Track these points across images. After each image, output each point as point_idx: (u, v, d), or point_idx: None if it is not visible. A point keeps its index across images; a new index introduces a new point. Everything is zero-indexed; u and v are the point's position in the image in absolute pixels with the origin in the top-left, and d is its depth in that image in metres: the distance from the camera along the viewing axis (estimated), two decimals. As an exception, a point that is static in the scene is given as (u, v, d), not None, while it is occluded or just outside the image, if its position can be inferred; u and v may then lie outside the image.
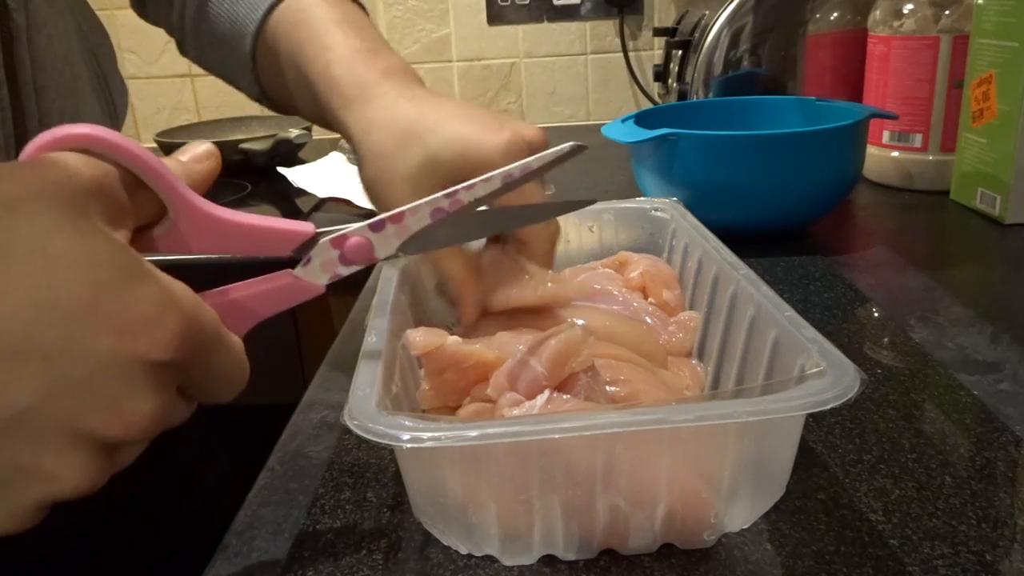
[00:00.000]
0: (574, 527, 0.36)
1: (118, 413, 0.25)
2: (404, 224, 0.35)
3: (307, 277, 0.34)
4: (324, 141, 1.30)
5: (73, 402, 0.24)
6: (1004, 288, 0.67)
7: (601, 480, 0.34)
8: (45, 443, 0.24)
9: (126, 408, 0.25)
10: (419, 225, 0.35)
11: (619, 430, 0.32)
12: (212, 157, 0.33)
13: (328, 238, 0.34)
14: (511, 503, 0.35)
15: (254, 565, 0.39)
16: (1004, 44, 0.78)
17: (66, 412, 0.24)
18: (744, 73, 1.07)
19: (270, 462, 0.47)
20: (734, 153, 0.74)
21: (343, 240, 0.34)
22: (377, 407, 0.34)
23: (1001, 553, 0.36)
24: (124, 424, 0.25)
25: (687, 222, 0.56)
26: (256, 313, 0.33)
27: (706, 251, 0.51)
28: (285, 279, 0.34)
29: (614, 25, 1.42)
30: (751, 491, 0.37)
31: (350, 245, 0.35)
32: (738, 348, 0.45)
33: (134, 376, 0.25)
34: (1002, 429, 0.45)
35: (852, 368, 0.34)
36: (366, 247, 0.35)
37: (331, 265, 0.34)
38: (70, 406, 0.24)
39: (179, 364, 0.26)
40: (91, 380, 0.24)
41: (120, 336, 0.24)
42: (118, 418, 0.25)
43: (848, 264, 0.72)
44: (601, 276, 0.54)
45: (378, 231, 0.35)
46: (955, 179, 0.87)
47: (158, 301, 0.25)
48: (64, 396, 0.24)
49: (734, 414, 0.33)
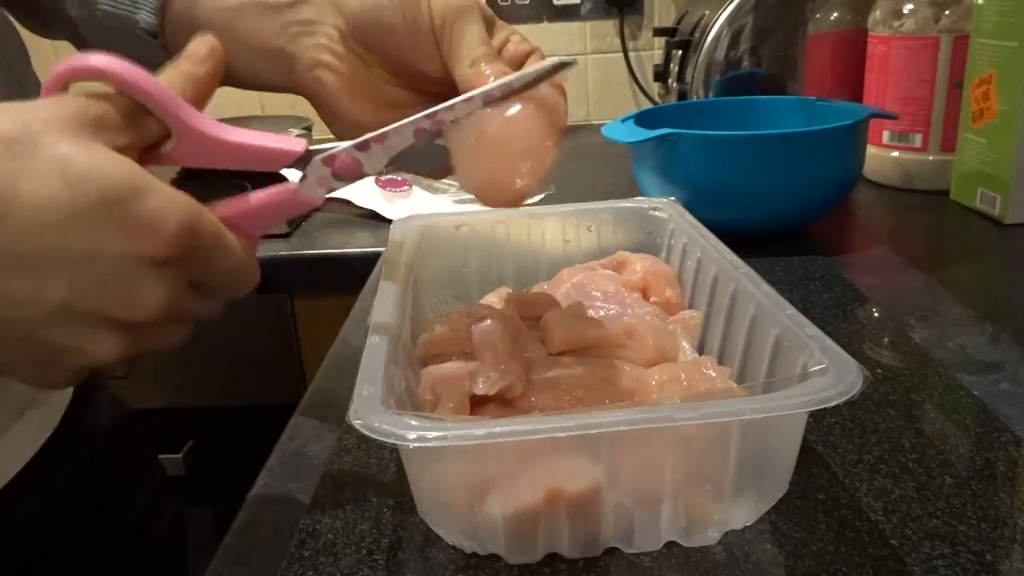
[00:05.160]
0: (579, 525, 0.36)
1: (133, 302, 0.30)
2: (388, 143, 0.38)
3: (305, 191, 0.37)
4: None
5: (97, 295, 0.30)
6: (1004, 288, 0.67)
7: (606, 478, 0.34)
8: (80, 327, 0.30)
9: (138, 297, 0.30)
10: (402, 145, 0.38)
11: (624, 428, 0.32)
12: (213, 56, 0.36)
13: (319, 156, 0.37)
14: (515, 501, 0.35)
15: (254, 565, 0.39)
16: (1004, 44, 0.78)
17: (93, 303, 0.30)
18: (744, 73, 1.07)
19: (270, 462, 0.47)
20: (734, 153, 0.73)
21: (333, 158, 0.37)
22: (382, 406, 0.34)
23: (1001, 553, 0.36)
24: (138, 309, 0.30)
25: (686, 222, 0.56)
26: (264, 220, 0.36)
27: (705, 250, 0.51)
28: (287, 191, 0.37)
29: (614, 25, 1.42)
30: (754, 488, 0.37)
31: (340, 163, 0.38)
32: (739, 347, 0.45)
33: (143, 272, 0.30)
34: (1002, 429, 0.45)
35: (855, 366, 0.34)
36: (355, 164, 0.38)
37: (325, 181, 0.38)
38: (95, 298, 0.30)
39: (181, 260, 0.31)
40: (109, 277, 0.30)
41: (128, 239, 0.29)
42: (133, 305, 0.30)
43: (848, 264, 0.72)
44: (600, 277, 0.54)
45: (364, 150, 0.38)
46: (955, 179, 0.87)
47: (159, 208, 0.30)
48: (89, 291, 0.29)
49: (738, 412, 0.33)
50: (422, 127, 0.38)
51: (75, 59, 0.31)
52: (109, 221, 0.29)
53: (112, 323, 0.31)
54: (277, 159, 0.37)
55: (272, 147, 0.36)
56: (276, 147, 0.36)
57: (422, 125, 0.38)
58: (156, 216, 0.30)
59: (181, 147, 0.35)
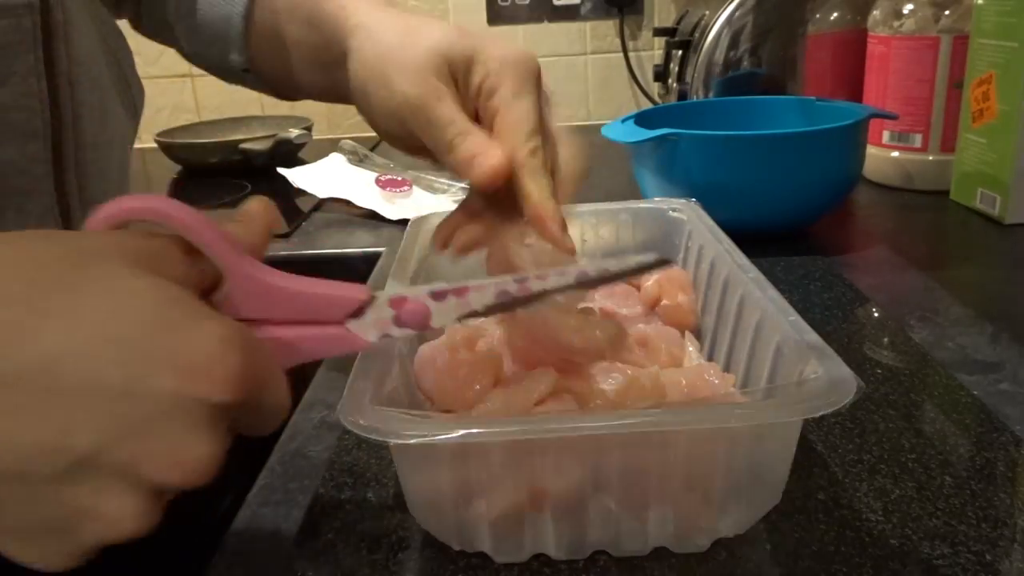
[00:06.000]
0: (565, 527, 0.36)
1: (177, 457, 0.25)
2: (466, 300, 0.34)
3: (357, 331, 0.33)
4: (324, 141, 1.30)
5: (135, 445, 0.24)
6: (1004, 288, 0.67)
7: (591, 481, 0.34)
8: (106, 487, 0.24)
9: (185, 452, 0.25)
10: (481, 304, 0.34)
11: (607, 432, 0.32)
12: (266, 211, 0.33)
13: (387, 297, 0.33)
14: (501, 501, 0.35)
15: (254, 565, 0.39)
16: (1004, 44, 0.78)
17: (128, 455, 0.24)
18: (744, 73, 1.07)
19: (270, 462, 0.47)
20: (734, 153, 0.73)
21: (402, 302, 0.34)
22: (371, 403, 0.34)
23: (1001, 553, 0.36)
24: (182, 469, 0.25)
25: (703, 224, 0.56)
26: (300, 355, 0.33)
27: (719, 253, 0.51)
28: (336, 330, 0.33)
29: (614, 25, 1.42)
30: (745, 496, 0.36)
31: (407, 309, 0.34)
32: (744, 353, 0.44)
33: (194, 418, 0.25)
34: (1002, 429, 0.45)
35: (849, 375, 0.33)
36: (423, 313, 0.34)
37: (384, 325, 0.33)
38: (132, 449, 0.24)
39: (238, 404, 0.26)
40: (153, 422, 0.24)
41: (182, 376, 0.24)
42: (177, 462, 0.25)
43: (848, 264, 0.72)
44: (618, 296, 0.54)
45: (439, 300, 0.34)
46: (955, 179, 0.87)
47: (219, 340, 0.26)
48: (127, 439, 0.24)
49: (721, 419, 0.33)
50: (506, 290, 0.34)
51: (129, 199, 0.29)
52: (159, 351, 0.24)
53: (146, 483, 0.25)
54: (338, 307, 0.33)
55: (332, 295, 0.33)
56: (336, 295, 0.33)
57: (507, 288, 0.34)
58: (214, 352, 0.25)
59: (235, 295, 0.31)
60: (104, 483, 0.24)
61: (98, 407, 0.24)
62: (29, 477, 0.24)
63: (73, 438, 0.23)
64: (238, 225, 0.32)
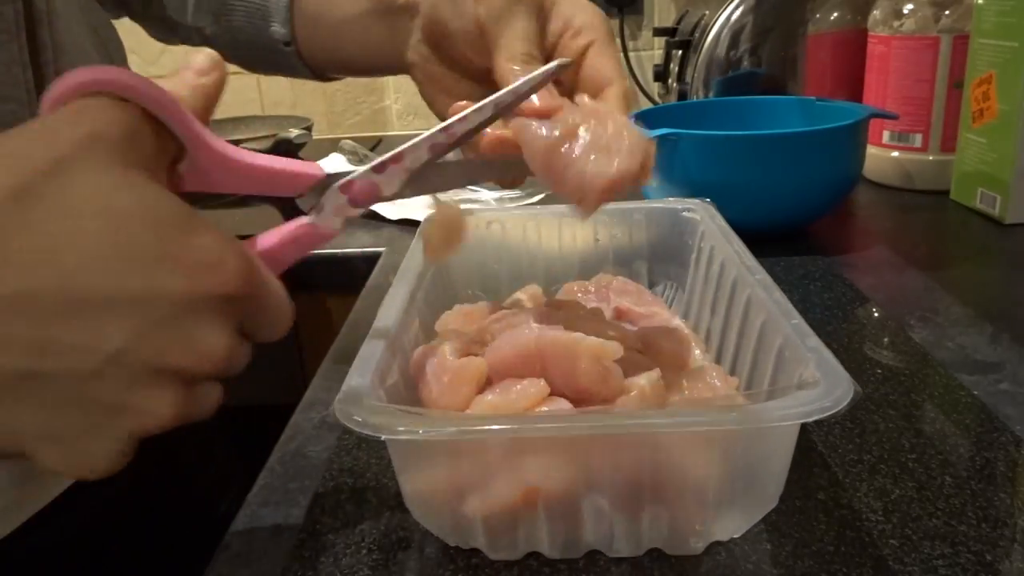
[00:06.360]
0: (558, 526, 0.36)
1: (195, 347, 0.27)
2: (404, 164, 0.37)
3: (322, 223, 0.36)
4: (324, 141, 1.30)
5: (156, 340, 0.27)
6: (1004, 288, 0.67)
7: (584, 481, 0.34)
8: (134, 381, 0.27)
9: (201, 342, 0.28)
10: (418, 163, 0.37)
11: (599, 433, 0.32)
12: (217, 67, 0.34)
13: (337, 184, 0.36)
14: (494, 499, 0.35)
15: (254, 565, 0.39)
16: (1004, 44, 0.78)
17: (151, 350, 0.27)
18: (744, 73, 1.07)
19: (270, 462, 0.47)
20: (734, 153, 0.73)
21: (350, 185, 0.36)
22: (368, 398, 0.34)
23: (1001, 553, 0.36)
24: (200, 356, 0.28)
25: (715, 224, 0.55)
26: (283, 260, 0.35)
27: (728, 255, 0.50)
28: (304, 227, 0.35)
29: (614, 25, 1.42)
30: (740, 500, 0.36)
31: (357, 190, 0.36)
32: (749, 355, 0.44)
33: (205, 312, 0.28)
34: (1002, 429, 0.45)
35: (846, 380, 0.33)
36: (372, 189, 0.37)
37: (342, 209, 0.36)
38: (154, 344, 0.27)
39: (241, 299, 0.29)
40: (170, 319, 0.27)
41: (190, 277, 0.27)
42: (195, 351, 0.28)
43: (848, 264, 0.72)
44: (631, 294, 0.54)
45: (381, 172, 0.36)
46: (955, 179, 0.87)
47: (217, 245, 0.28)
48: (148, 335, 0.27)
49: (713, 422, 0.32)
50: (437, 142, 0.37)
51: (83, 72, 0.28)
52: (167, 259, 0.27)
53: (170, 374, 0.28)
54: (294, 184, 0.35)
55: (289, 170, 0.34)
56: (293, 170, 0.34)
57: (437, 140, 0.36)
58: (215, 252, 0.28)
59: (195, 168, 0.32)
60: (133, 378, 0.27)
61: (122, 310, 0.26)
62: (66, 377, 0.26)
63: (103, 338, 0.26)
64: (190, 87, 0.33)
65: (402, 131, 1.49)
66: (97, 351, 0.26)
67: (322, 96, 1.48)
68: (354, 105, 1.49)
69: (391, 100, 1.48)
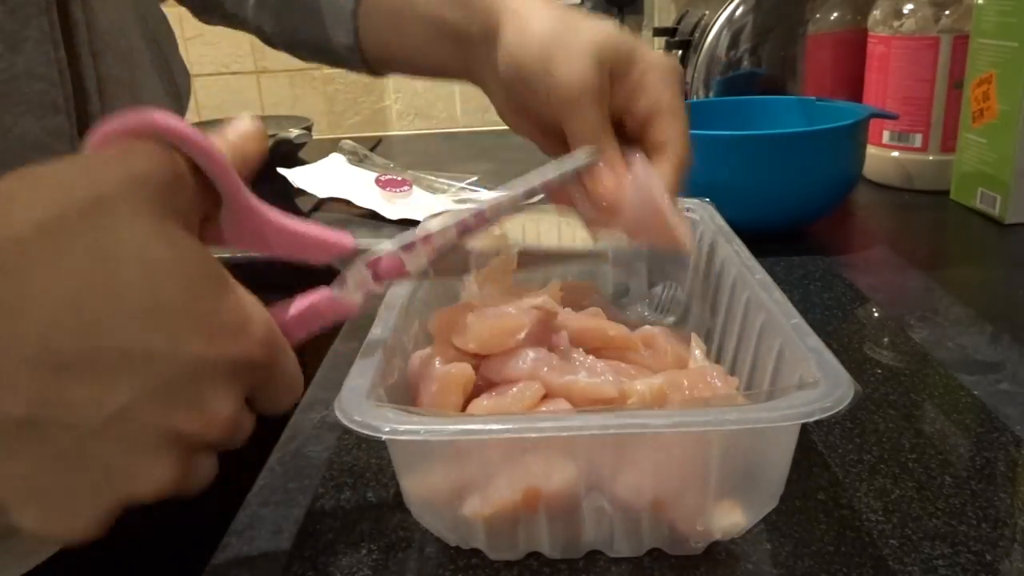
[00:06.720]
0: (558, 527, 0.36)
1: (201, 411, 0.26)
2: (432, 244, 0.37)
3: (344, 296, 0.35)
4: (324, 141, 1.30)
5: (164, 401, 0.26)
6: (1004, 288, 0.67)
7: (584, 482, 0.34)
8: (136, 441, 0.26)
9: (208, 407, 0.27)
10: (447, 243, 0.37)
11: (599, 433, 0.32)
12: (261, 137, 0.33)
13: (363, 259, 0.36)
14: (494, 499, 0.35)
15: (254, 565, 0.39)
16: (1004, 44, 0.78)
17: (157, 411, 0.26)
18: (744, 73, 1.07)
19: (270, 462, 0.47)
20: (734, 153, 0.73)
21: (377, 261, 0.36)
22: (368, 398, 0.34)
23: (1001, 553, 0.36)
24: (207, 421, 0.27)
25: (715, 224, 0.55)
26: (302, 328, 0.34)
27: (728, 255, 0.50)
28: (326, 297, 0.35)
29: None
30: (741, 500, 0.36)
31: (383, 265, 0.36)
32: (749, 356, 0.44)
33: (219, 377, 0.27)
34: (1002, 429, 0.45)
35: (846, 380, 0.33)
36: (397, 265, 0.36)
37: (365, 283, 0.36)
38: (161, 405, 0.26)
39: (258, 367, 0.28)
40: (183, 379, 0.26)
41: (212, 338, 0.26)
42: (203, 415, 0.27)
43: (848, 264, 0.72)
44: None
45: (409, 251, 0.36)
46: (955, 179, 0.87)
47: (244, 309, 0.27)
48: (157, 396, 0.25)
49: (712, 423, 0.32)
50: (466, 225, 0.37)
51: (131, 116, 0.28)
52: (190, 318, 0.26)
53: (173, 438, 0.26)
54: (322, 251, 0.34)
55: (320, 238, 0.34)
56: (323, 238, 0.34)
57: (467, 223, 0.37)
58: (241, 316, 0.27)
59: (230, 224, 0.32)
60: (135, 439, 0.26)
61: (136, 367, 0.25)
62: (67, 429, 0.25)
63: (111, 395, 0.25)
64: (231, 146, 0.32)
65: (402, 131, 1.49)
66: (103, 406, 0.25)
67: (322, 96, 1.48)
68: (354, 105, 1.49)
69: (391, 100, 1.48)
